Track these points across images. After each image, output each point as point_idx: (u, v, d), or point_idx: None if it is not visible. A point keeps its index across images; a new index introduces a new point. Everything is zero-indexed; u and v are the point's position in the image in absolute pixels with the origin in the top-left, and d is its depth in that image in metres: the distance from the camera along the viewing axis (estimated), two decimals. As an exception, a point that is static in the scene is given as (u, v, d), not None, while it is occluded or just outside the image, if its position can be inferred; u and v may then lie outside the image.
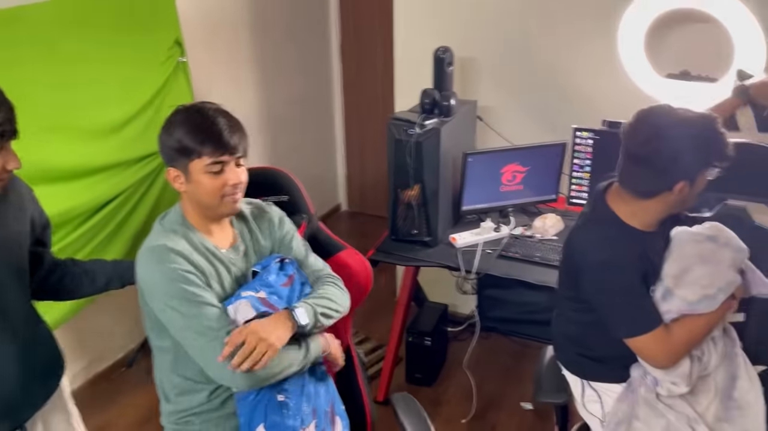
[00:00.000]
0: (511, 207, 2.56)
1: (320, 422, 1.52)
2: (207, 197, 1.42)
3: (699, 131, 1.44)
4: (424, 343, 2.73)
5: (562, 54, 2.53)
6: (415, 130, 2.24)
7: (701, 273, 1.53)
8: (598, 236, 1.58)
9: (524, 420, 2.59)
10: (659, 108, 1.50)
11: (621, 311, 1.54)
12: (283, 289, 1.51)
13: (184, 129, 1.39)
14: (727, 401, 1.61)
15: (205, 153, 1.38)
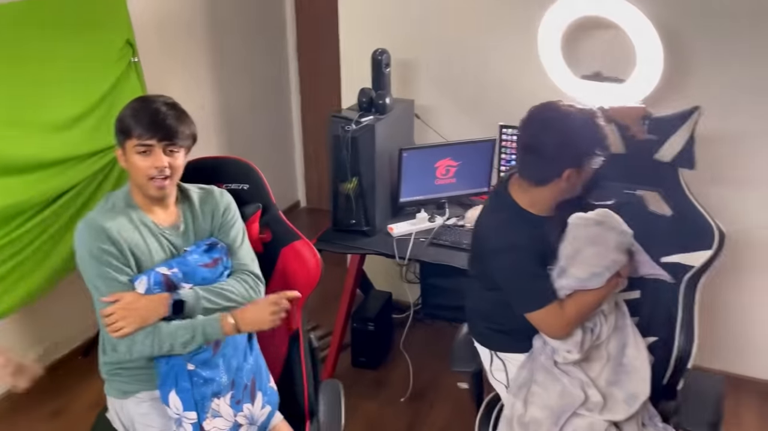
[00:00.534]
0: (445, 199, 2.73)
1: (237, 394, 1.66)
2: (136, 176, 1.58)
3: (581, 124, 1.63)
4: (368, 328, 2.89)
5: (491, 57, 2.71)
6: (351, 126, 2.40)
7: (590, 253, 1.72)
8: (498, 221, 1.76)
9: (460, 398, 2.76)
10: (548, 104, 1.69)
11: (520, 289, 1.72)
12: (203, 269, 1.65)
13: (127, 111, 1.57)
14: (618, 367, 1.80)
15: (135, 134, 1.54)
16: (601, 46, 2.45)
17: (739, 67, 2.35)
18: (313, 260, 1.89)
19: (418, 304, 3.29)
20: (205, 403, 1.61)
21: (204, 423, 1.60)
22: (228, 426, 1.64)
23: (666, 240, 1.94)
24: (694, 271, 1.93)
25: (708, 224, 1.93)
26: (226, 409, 1.64)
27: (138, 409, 1.66)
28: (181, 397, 1.60)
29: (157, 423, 1.64)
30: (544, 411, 1.73)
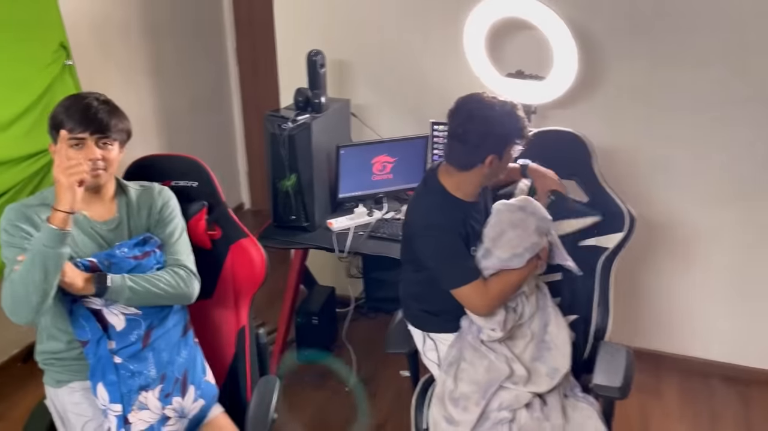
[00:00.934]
0: (383, 194, 2.83)
1: (167, 387, 1.69)
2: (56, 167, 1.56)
3: (502, 114, 1.76)
4: (311, 322, 2.97)
5: (422, 57, 2.83)
6: (288, 125, 2.47)
7: (512, 236, 1.86)
8: (426, 204, 1.87)
9: (402, 385, 2.88)
10: (473, 95, 1.82)
11: (446, 266, 1.84)
12: (131, 260, 1.68)
13: (59, 108, 1.62)
14: (540, 344, 1.94)
15: (67, 128, 1.57)
16: (523, 47, 2.60)
17: (644, 61, 2.54)
18: (258, 258, 1.95)
19: (361, 298, 3.39)
20: (131, 396, 1.64)
21: (129, 415, 1.63)
22: (155, 418, 1.67)
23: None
24: (609, 252, 2.10)
25: (620, 208, 2.09)
26: (153, 402, 1.67)
27: (71, 398, 1.70)
28: (108, 389, 1.63)
29: (89, 412, 1.67)
30: (471, 385, 1.85)
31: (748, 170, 2.58)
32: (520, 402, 1.83)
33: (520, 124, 1.79)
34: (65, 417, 1.70)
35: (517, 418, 1.81)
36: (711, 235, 2.72)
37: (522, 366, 1.89)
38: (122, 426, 1.62)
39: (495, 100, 1.80)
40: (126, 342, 1.65)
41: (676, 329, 2.94)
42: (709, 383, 2.88)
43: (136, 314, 1.67)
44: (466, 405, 1.83)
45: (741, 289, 2.77)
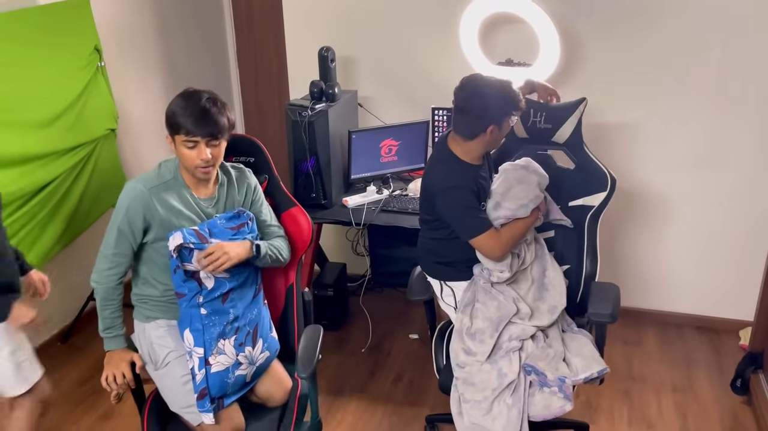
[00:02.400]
0: (389, 175, 3.15)
1: (240, 337, 1.99)
2: (185, 163, 1.91)
3: (500, 90, 2.10)
4: (327, 294, 3.26)
5: (420, 49, 3.16)
6: (308, 112, 2.78)
7: (518, 190, 2.19)
8: (443, 169, 2.20)
9: (411, 346, 3.20)
10: (475, 75, 2.16)
11: (464, 220, 2.17)
12: (228, 231, 1.99)
13: (176, 107, 1.87)
14: (540, 286, 2.28)
15: (182, 131, 1.85)
16: (511, 37, 2.95)
17: (618, 46, 2.91)
18: (306, 224, 2.23)
19: (368, 274, 3.70)
20: (211, 342, 1.93)
21: (209, 358, 1.93)
22: (230, 363, 1.96)
23: (572, 188, 2.44)
24: (594, 209, 2.44)
25: (602, 171, 2.44)
26: (229, 349, 1.96)
27: (156, 332, 2.01)
28: (194, 335, 1.93)
29: (172, 345, 1.99)
30: (485, 321, 2.18)
31: (710, 139, 2.96)
32: (526, 334, 2.16)
33: (517, 98, 2.12)
34: (151, 349, 2.00)
35: (525, 347, 2.14)
36: (679, 199, 3.10)
37: (526, 304, 2.22)
38: (203, 366, 1.91)
39: (494, 79, 2.14)
40: (211, 298, 1.94)
41: (653, 287, 3.30)
42: (682, 332, 3.25)
43: (224, 277, 1.96)
44: (482, 338, 2.16)
45: (707, 248, 3.15)
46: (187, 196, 1.97)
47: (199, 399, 1.90)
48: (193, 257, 1.89)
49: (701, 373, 2.96)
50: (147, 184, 1.93)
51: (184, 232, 1.91)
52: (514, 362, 2.12)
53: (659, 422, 2.66)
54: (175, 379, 1.95)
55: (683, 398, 2.80)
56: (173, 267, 1.91)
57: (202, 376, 1.91)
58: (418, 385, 2.89)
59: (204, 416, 1.90)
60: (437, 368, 2.31)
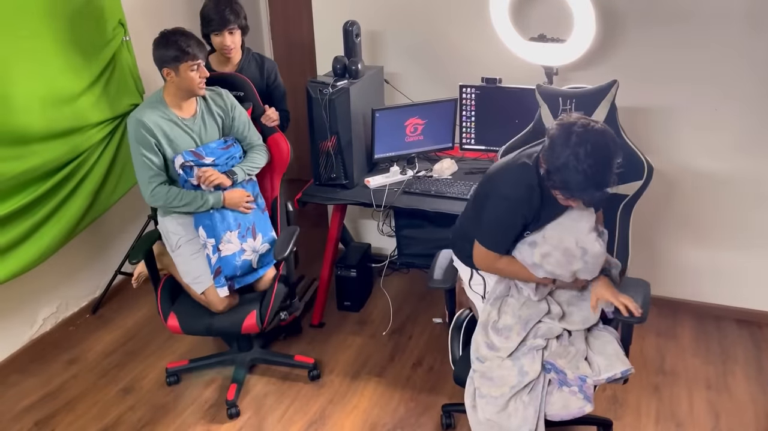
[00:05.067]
0: (415, 155, 3.06)
1: (242, 231, 2.52)
2: (191, 84, 2.40)
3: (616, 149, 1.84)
4: (350, 275, 3.22)
5: (449, 24, 3.03)
6: (328, 90, 2.70)
7: (554, 258, 2.02)
8: (515, 179, 1.96)
9: (434, 330, 3.13)
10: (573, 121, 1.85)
11: (490, 228, 2.05)
12: (221, 151, 2.53)
13: (179, 44, 2.35)
14: (579, 294, 2.15)
15: (190, 58, 2.35)
16: (544, 12, 2.79)
17: (658, 29, 2.72)
18: (285, 147, 2.72)
19: (394, 255, 3.64)
20: (220, 234, 2.47)
21: (219, 245, 2.47)
22: (235, 249, 2.49)
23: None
24: (628, 199, 2.31)
25: (639, 158, 2.29)
26: (234, 239, 2.50)
27: (171, 224, 2.55)
28: (205, 230, 2.49)
29: (182, 233, 2.54)
30: (514, 318, 2.09)
31: (758, 124, 2.75)
32: (552, 333, 2.07)
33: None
34: (167, 236, 2.56)
35: (549, 345, 2.05)
36: (721, 186, 2.91)
37: (558, 304, 2.12)
38: (215, 252, 2.47)
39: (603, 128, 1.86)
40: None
41: (690, 276, 3.13)
42: (721, 325, 3.08)
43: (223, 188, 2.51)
44: (508, 335, 2.08)
45: (751, 237, 2.95)
46: (174, 118, 2.46)
47: (215, 277, 2.47)
48: (194, 173, 2.44)
49: (738, 370, 2.80)
50: (139, 111, 2.43)
51: (183, 154, 2.45)
52: (536, 360, 2.04)
53: (689, 421, 2.53)
54: (185, 257, 2.53)
55: (717, 396, 2.65)
56: (182, 182, 2.48)
57: (216, 259, 2.47)
58: (437, 371, 2.84)
59: (220, 290, 2.47)
60: (452, 359, 2.24)
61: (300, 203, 2.90)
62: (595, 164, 1.76)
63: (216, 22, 2.72)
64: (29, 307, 3.01)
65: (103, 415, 2.63)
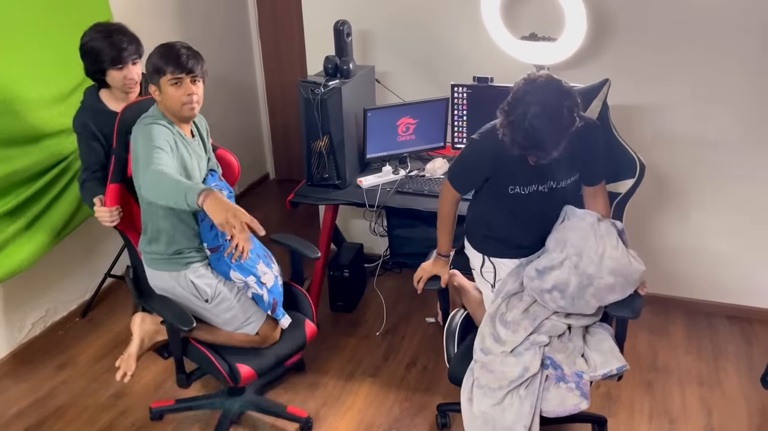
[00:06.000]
0: (407, 154, 3.05)
1: (263, 258, 2.30)
2: (172, 103, 2.05)
3: None
4: (343, 275, 3.21)
5: (440, 24, 3.02)
6: (320, 90, 2.69)
7: (559, 294, 2.06)
8: (490, 129, 2.08)
9: (427, 330, 3.13)
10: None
11: (456, 161, 2.22)
12: (220, 182, 2.31)
13: (157, 55, 2.05)
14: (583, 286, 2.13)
15: (168, 71, 2.01)
16: (535, 11, 2.79)
17: (648, 29, 2.73)
18: (235, 163, 2.48)
19: (386, 255, 3.63)
20: (254, 268, 2.24)
21: (261, 279, 2.26)
22: (273, 276, 2.31)
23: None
24: (621, 197, 2.32)
25: (631, 156, 2.30)
26: (264, 267, 2.29)
27: (196, 274, 2.20)
28: (239, 271, 2.22)
29: (212, 277, 2.22)
30: (523, 314, 2.09)
31: (744, 120, 2.77)
32: (556, 331, 2.07)
33: None
34: (195, 290, 2.19)
35: (550, 341, 2.06)
36: (711, 184, 2.92)
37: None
38: (261, 286, 2.25)
39: None
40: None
41: (682, 274, 3.15)
42: (712, 322, 3.10)
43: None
44: (516, 329, 2.07)
45: (742, 234, 2.97)
46: (183, 135, 2.15)
47: (274, 311, 2.27)
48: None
49: (730, 366, 2.82)
50: (154, 121, 2.08)
51: (210, 181, 2.22)
52: (537, 356, 2.04)
53: (682, 417, 2.54)
54: (230, 302, 2.21)
55: (709, 392, 2.67)
56: (201, 217, 2.16)
57: (265, 293, 2.25)
58: (432, 371, 2.83)
59: (284, 321, 2.29)
60: (447, 357, 2.23)
61: (292, 203, 2.88)
62: (540, 125, 1.83)
63: (115, 53, 2.30)
64: (17, 311, 2.97)
65: (95, 420, 2.60)
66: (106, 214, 2.21)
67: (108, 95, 2.42)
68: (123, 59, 2.31)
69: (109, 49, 2.29)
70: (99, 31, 2.32)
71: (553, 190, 2.13)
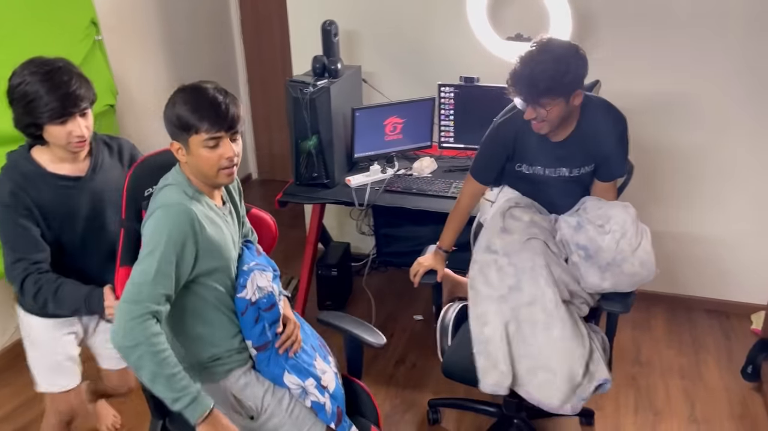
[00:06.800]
0: (394, 153, 3.07)
1: (319, 352, 1.86)
2: (206, 168, 1.58)
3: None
4: (331, 274, 3.22)
5: (427, 24, 3.05)
6: (309, 89, 2.70)
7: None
8: (506, 113, 2.15)
9: (415, 327, 3.15)
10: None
11: (477, 154, 2.28)
12: (260, 257, 1.80)
13: (185, 106, 1.53)
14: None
15: (203, 129, 1.53)
16: (521, 12, 2.84)
17: (631, 28, 2.79)
18: (272, 224, 2.06)
19: (373, 254, 3.65)
20: (311, 368, 1.77)
21: (321, 381, 1.77)
22: (333, 374, 1.82)
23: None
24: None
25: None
26: (323, 364, 1.82)
27: (238, 384, 1.72)
28: (295, 373, 1.74)
29: (258, 385, 1.73)
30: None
31: (727, 120, 2.85)
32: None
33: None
34: (238, 402, 1.71)
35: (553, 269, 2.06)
36: (691, 181, 3.00)
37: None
38: (323, 391, 1.75)
39: None
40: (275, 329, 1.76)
41: (663, 269, 3.18)
42: (692, 316, 3.18)
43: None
44: (521, 217, 2.14)
45: (720, 229, 3.06)
46: (215, 207, 1.68)
47: (338, 425, 1.74)
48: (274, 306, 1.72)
49: (711, 359, 2.90)
50: (185, 201, 1.58)
51: (257, 268, 1.72)
52: (537, 282, 2.01)
53: (666, 409, 2.61)
54: (281, 417, 1.71)
55: (692, 384, 2.74)
56: (242, 308, 1.69)
57: (327, 400, 1.75)
58: (421, 368, 2.86)
59: None
60: (441, 351, 2.25)
61: (281, 203, 2.88)
62: (521, 72, 1.94)
63: (56, 103, 1.69)
64: (0, 315, 2.92)
65: (83, 423, 2.56)
66: None
67: (44, 153, 1.82)
68: (68, 111, 1.71)
69: (49, 96, 1.68)
70: (35, 72, 1.70)
71: (566, 179, 2.15)
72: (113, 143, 2.00)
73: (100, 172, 1.90)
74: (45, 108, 1.68)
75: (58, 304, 1.80)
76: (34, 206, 1.77)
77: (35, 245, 1.78)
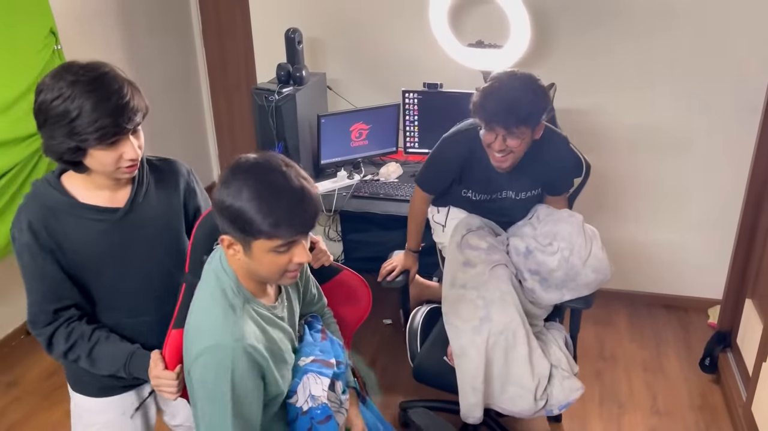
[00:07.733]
0: (360, 159, 3.10)
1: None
2: (268, 272, 1.30)
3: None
4: (299, 281, 3.22)
5: (390, 31, 3.10)
6: (275, 96, 2.71)
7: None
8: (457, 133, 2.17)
9: (384, 331, 3.18)
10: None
11: (425, 164, 2.31)
12: (323, 343, 1.53)
13: (252, 203, 1.20)
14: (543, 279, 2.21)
15: (277, 235, 1.22)
16: (482, 19, 2.90)
17: (588, 34, 2.89)
18: (366, 291, 1.79)
19: (341, 259, 3.66)
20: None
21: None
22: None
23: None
24: (571, 191, 2.43)
25: (578, 157, 2.42)
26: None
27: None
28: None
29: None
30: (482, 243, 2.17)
31: (676, 123, 2.97)
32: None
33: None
34: None
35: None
36: (645, 181, 3.11)
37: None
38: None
39: None
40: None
41: (622, 267, 3.31)
42: (652, 311, 3.29)
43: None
44: (478, 244, 2.16)
45: (675, 228, 3.17)
46: (268, 314, 1.38)
47: None
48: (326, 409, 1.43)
49: (671, 352, 3.00)
50: (234, 333, 1.28)
51: (311, 368, 1.44)
52: (506, 309, 2.03)
53: (630, 401, 2.69)
54: None
55: (653, 377, 2.83)
56: (292, 417, 1.44)
57: None
58: (392, 372, 2.88)
59: None
60: (411, 355, 2.28)
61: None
62: (499, 98, 1.89)
63: (110, 120, 1.32)
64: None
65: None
66: (172, 382, 1.41)
67: (77, 180, 1.45)
68: (123, 128, 1.35)
69: (97, 113, 1.30)
70: (75, 82, 1.31)
71: (513, 201, 2.19)
72: (164, 167, 1.60)
73: (144, 201, 1.51)
74: (91, 128, 1.29)
75: (93, 364, 1.48)
76: (59, 244, 1.42)
77: (63, 291, 1.45)
